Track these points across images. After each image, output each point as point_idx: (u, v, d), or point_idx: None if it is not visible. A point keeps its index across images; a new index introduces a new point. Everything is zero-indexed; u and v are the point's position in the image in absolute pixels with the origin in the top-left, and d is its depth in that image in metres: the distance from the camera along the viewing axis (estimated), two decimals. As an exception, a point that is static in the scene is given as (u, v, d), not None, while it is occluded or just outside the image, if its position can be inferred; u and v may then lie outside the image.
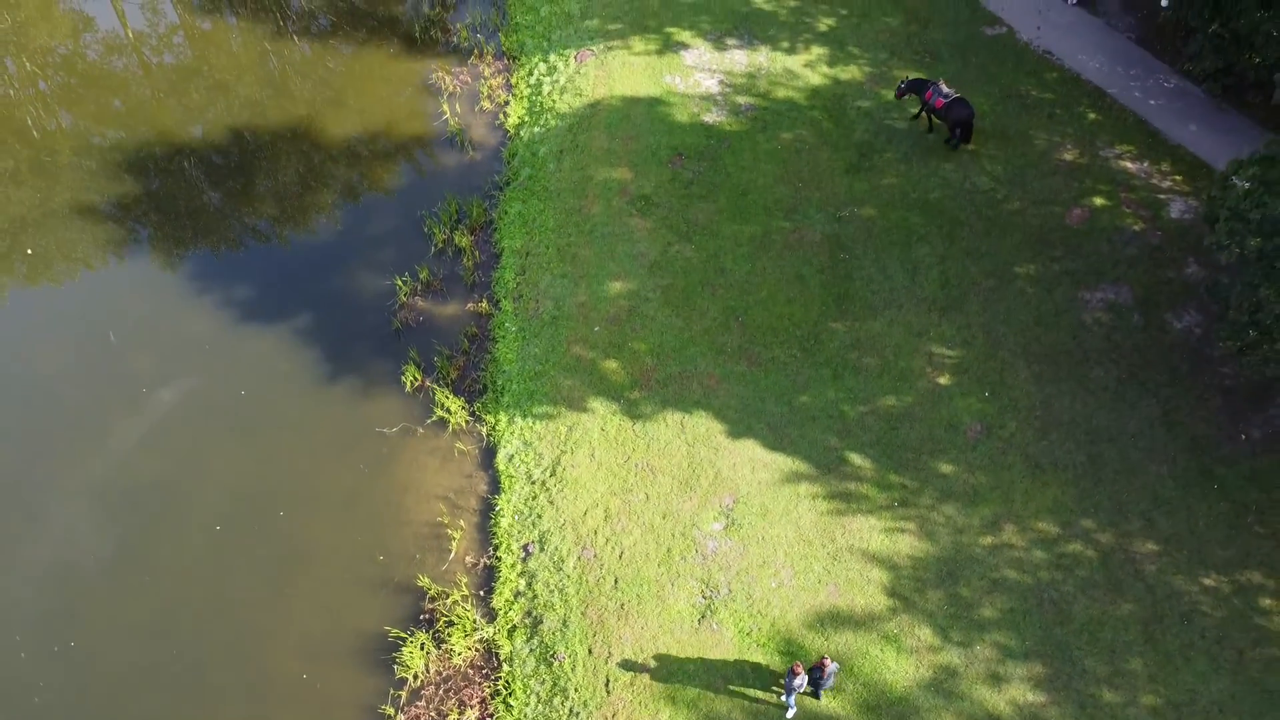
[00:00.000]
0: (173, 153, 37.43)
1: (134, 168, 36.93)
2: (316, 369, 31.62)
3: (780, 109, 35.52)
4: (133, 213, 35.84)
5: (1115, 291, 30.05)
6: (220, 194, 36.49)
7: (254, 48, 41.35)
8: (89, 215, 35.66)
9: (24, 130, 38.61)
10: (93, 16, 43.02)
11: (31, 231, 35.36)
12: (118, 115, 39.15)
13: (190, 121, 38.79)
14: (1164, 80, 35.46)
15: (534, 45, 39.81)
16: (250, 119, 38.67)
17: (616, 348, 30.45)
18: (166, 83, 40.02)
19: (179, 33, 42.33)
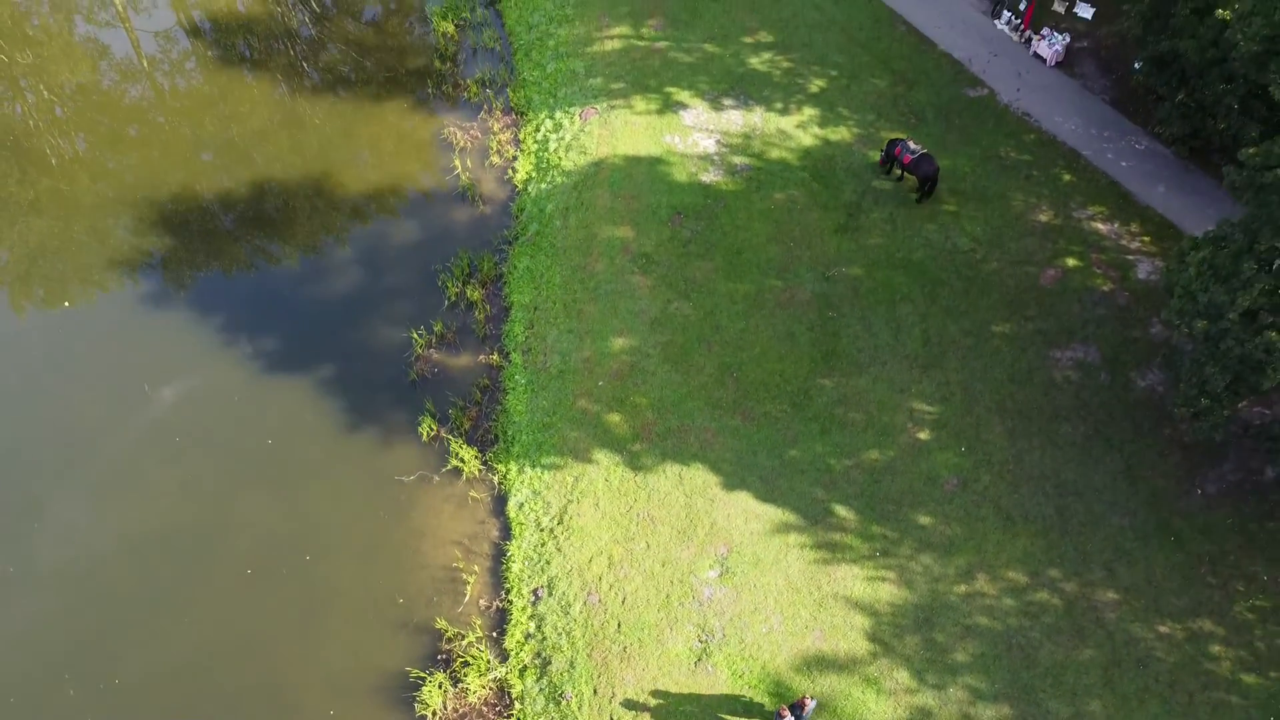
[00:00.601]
0: (194, 209, 39.57)
1: (157, 223, 39.07)
2: (339, 419, 33.80)
3: (773, 169, 37.69)
4: (159, 268, 37.97)
5: (1084, 350, 32.22)
6: (244, 249, 38.63)
7: (272, 102, 43.43)
8: (118, 266, 37.81)
9: (44, 161, 40.77)
10: (113, 58, 45.05)
11: (62, 272, 37.59)
12: (137, 169, 41.25)
13: (210, 176, 40.91)
14: (1136, 142, 37.61)
15: (541, 101, 41.95)
16: (271, 173, 40.79)
17: (619, 401, 32.63)
18: (186, 139, 42.12)
19: (197, 82, 44.37)
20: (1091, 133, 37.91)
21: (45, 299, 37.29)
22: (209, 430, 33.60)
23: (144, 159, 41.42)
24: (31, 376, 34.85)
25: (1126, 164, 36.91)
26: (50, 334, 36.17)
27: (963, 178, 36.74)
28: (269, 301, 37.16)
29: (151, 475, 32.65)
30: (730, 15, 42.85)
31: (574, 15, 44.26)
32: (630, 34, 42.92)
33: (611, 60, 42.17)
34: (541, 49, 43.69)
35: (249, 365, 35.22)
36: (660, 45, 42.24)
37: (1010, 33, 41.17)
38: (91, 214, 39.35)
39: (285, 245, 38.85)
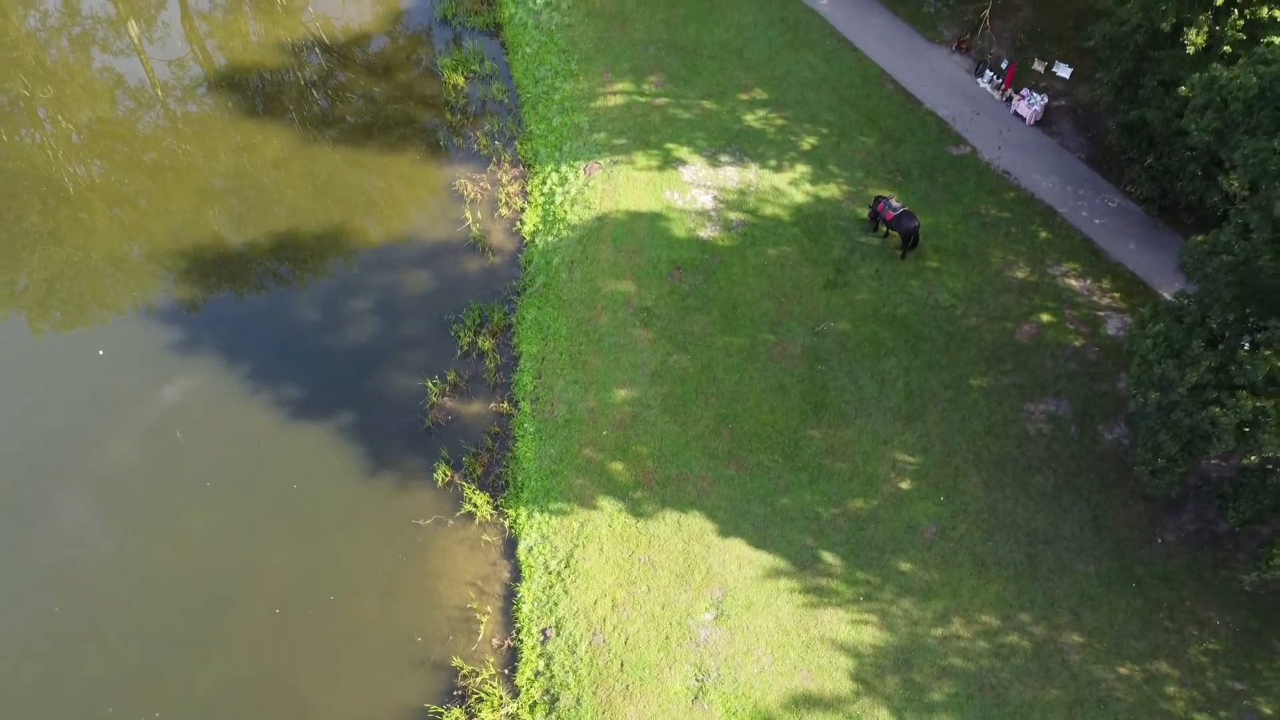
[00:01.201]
0: (220, 263, 41.83)
1: (183, 273, 41.34)
2: (359, 464, 36.08)
3: (767, 225, 39.97)
4: (186, 316, 40.23)
5: (1056, 404, 34.53)
6: (267, 299, 40.90)
7: (290, 152, 45.68)
8: (147, 312, 40.08)
9: (64, 194, 43.08)
10: (137, 113, 47.40)
11: (92, 314, 39.91)
12: (157, 220, 43.47)
13: (232, 227, 43.17)
14: (1109, 200, 39.91)
15: (547, 154, 44.23)
16: (291, 223, 43.05)
17: (622, 451, 34.93)
18: (205, 188, 44.41)
19: (217, 132, 46.59)
20: (1068, 190, 40.18)
21: (64, 324, 39.53)
22: (238, 475, 35.89)
23: (163, 209, 43.64)
24: (67, 422, 37.08)
25: (1099, 221, 39.19)
26: (81, 376, 38.37)
27: (945, 234, 39.02)
28: (292, 349, 39.38)
29: (185, 518, 34.93)
30: (727, 72, 45.11)
31: (578, 70, 46.53)
32: (632, 90, 45.18)
33: (614, 116, 44.43)
34: (547, 102, 45.94)
35: (275, 412, 37.47)
36: (660, 101, 44.51)
37: (992, 91, 43.43)
38: (116, 266, 41.62)
39: (306, 295, 41.08)
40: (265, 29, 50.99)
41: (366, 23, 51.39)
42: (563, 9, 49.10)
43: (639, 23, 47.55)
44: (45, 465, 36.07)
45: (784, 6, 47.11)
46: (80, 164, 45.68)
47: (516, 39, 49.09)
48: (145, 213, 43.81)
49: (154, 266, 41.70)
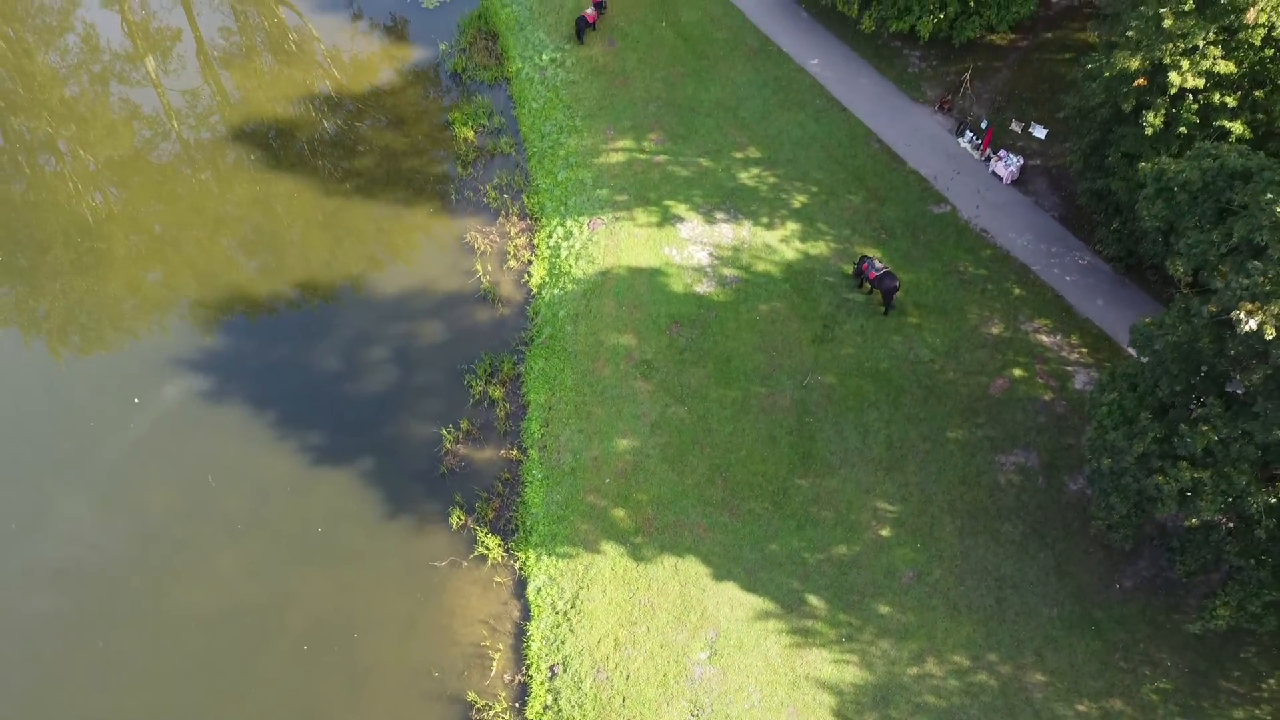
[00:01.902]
0: (240, 319, 44.56)
1: (208, 328, 44.08)
2: (379, 508, 38.86)
3: (759, 281, 42.70)
4: (217, 370, 42.96)
5: (1025, 456, 37.28)
6: (290, 349, 43.57)
7: (312, 204, 48.39)
8: (177, 370, 42.81)
9: (84, 226, 45.83)
10: (154, 145, 50.11)
11: (126, 367, 42.67)
12: (177, 267, 46.24)
13: (255, 280, 45.89)
14: (1079, 257, 42.63)
15: (553, 208, 46.95)
16: (312, 275, 45.77)
17: (623, 498, 37.70)
18: (228, 241, 47.13)
19: (236, 185, 49.29)
20: (1041, 248, 42.91)
21: (101, 377, 42.25)
22: (266, 517, 38.66)
23: (189, 260, 46.36)
24: (106, 468, 39.82)
25: (1070, 278, 41.91)
26: (117, 424, 41.06)
27: (926, 291, 41.75)
28: (314, 396, 42.05)
29: (217, 559, 37.69)
30: (722, 131, 47.83)
31: (582, 126, 49.24)
32: (633, 147, 47.91)
33: (616, 172, 47.16)
34: (553, 157, 48.67)
35: (300, 457, 40.22)
36: (660, 159, 47.25)
37: (972, 151, 46.15)
38: (146, 313, 44.38)
39: (328, 343, 43.72)
40: (282, 81, 53.64)
41: (381, 75, 54.04)
42: (567, 66, 51.80)
43: (639, 81, 50.24)
44: (85, 509, 38.80)
45: (777, 66, 49.80)
46: (103, 207, 48.37)
47: (523, 94, 51.80)
48: (172, 263, 46.48)
49: (182, 318, 44.41)
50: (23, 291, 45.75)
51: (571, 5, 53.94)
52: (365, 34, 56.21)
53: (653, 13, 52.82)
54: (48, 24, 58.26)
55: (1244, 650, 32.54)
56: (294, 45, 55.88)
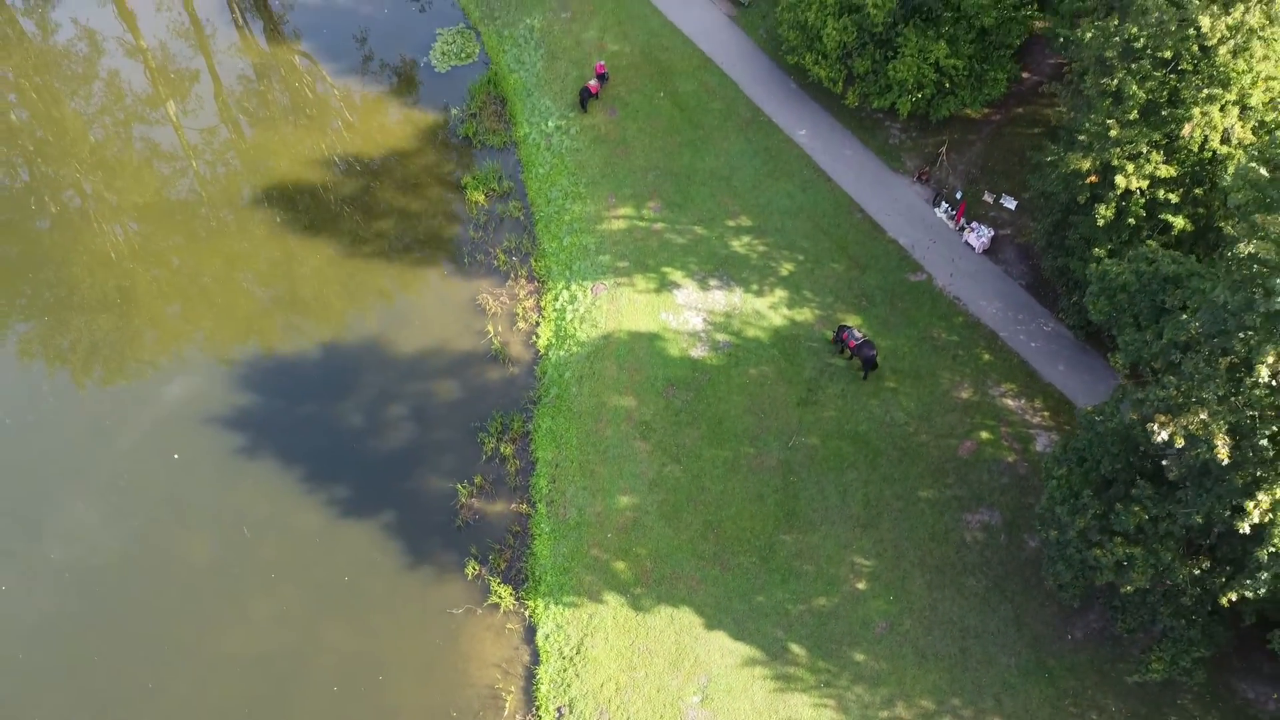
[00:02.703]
0: (271, 373, 48.22)
1: (240, 388, 47.75)
2: (401, 559, 42.55)
3: (749, 346, 46.38)
4: (248, 427, 46.62)
5: (989, 515, 40.98)
6: (315, 407, 47.22)
7: (332, 266, 52.00)
8: (207, 424, 46.48)
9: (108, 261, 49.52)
10: (178, 211, 53.73)
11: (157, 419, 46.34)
12: (201, 327, 49.90)
13: (281, 340, 49.54)
14: (1044, 324, 46.30)
15: (559, 272, 50.62)
16: (336, 335, 49.43)
17: (624, 551, 41.41)
18: (255, 304, 50.76)
19: (261, 248, 52.86)
20: (1009, 315, 46.58)
21: (135, 452, 45.94)
22: (297, 566, 42.35)
23: (217, 323, 50.01)
24: (149, 519, 43.52)
25: (1035, 344, 45.59)
26: (158, 480, 44.72)
27: (902, 357, 45.43)
28: (339, 453, 45.69)
29: (252, 605, 41.39)
30: (716, 199, 51.51)
31: (586, 193, 52.92)
32: (633, 214, 51.60)
33: (617, 239, 50.84)
34: (559, 222, 52.35)
35: (327, 510, 43.90)
36: (658, 226, 50.93)
37: (947, 221, 49.81)
38: (178, 372, 48.07)
39: (351, 401, 47.34)
40: (303, 144, 57.16)
41: (396, 138, 57.57)
42: (571, 133, 55.47)
43: (639, 149, 53.91)
44: (132, 558, 42.49)
45: (767, 136, 53.45)
46: (131, 256, 52.05)
47: (530, 158, 55.47)
48: (202, 322, 50.11)
49: (214, 376, 48.02)
50: (61, 379, 49.44)
51: (575, 74, 57.53)
52: (381, 97, 59.80)
53: (652, 83, 56.44)
54: (74, 72, 61.84)
55: (1180, 697, 36.23)
56: (314, 109, 59.47)
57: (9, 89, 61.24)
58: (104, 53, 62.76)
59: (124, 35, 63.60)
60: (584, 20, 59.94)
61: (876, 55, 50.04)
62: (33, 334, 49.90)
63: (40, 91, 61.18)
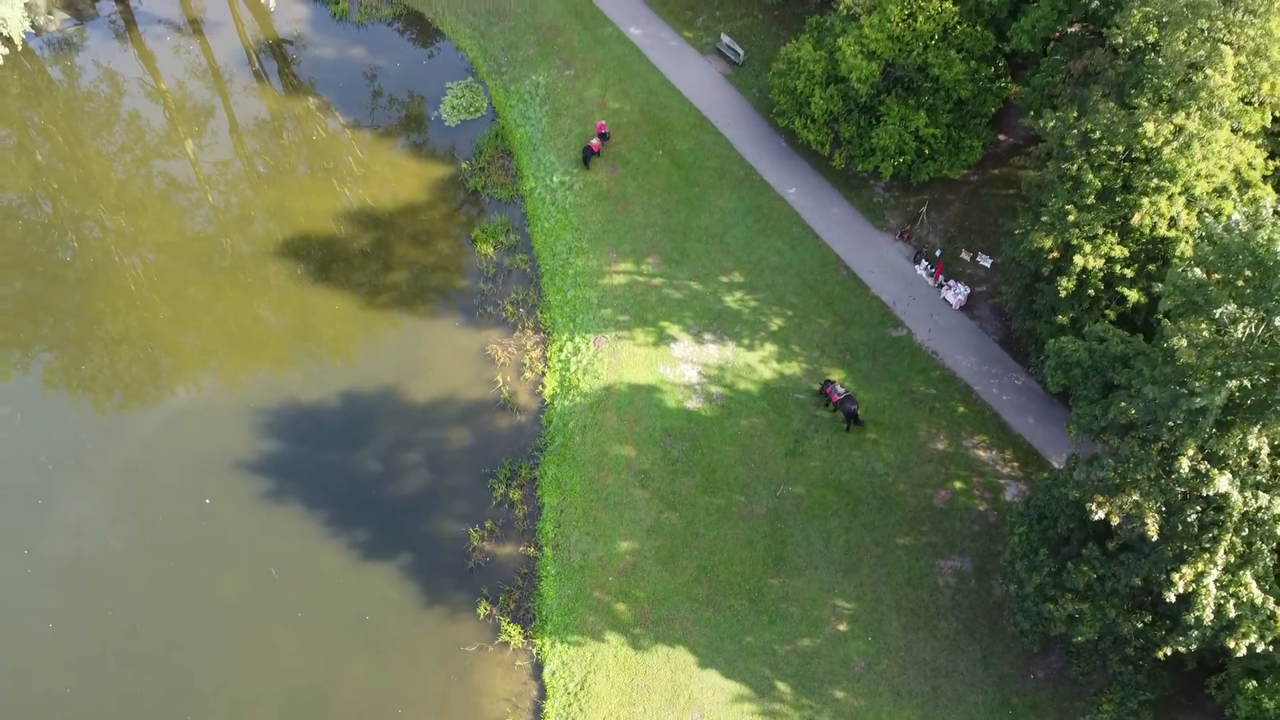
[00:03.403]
0: (291, 418, 51.65)
1: (267, 436, 51.19)
2: (417, 598, 46.00)
3: (740, 398, 49.83)
4: (275, 473, 50.05)
5: (961, 561, 44.43)
6: (338, 455, 50.66)
7: (350, 317, 55.41)
8: (236, 473, 49.89)
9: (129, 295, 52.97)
10: (203, 259, 57.15)
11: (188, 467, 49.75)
12: (233, 378, 53.35)
13: (304, 389, 52.94)
14: (1015, 378, 49.73)
15: (563, 324, 54.05)
16: (354, 384, 52.82)
17: (624, 594, 44.87)
18: (282, 351, 54.18)
19: (282, 297, 56.24)
20: (983, 369, 50.01)
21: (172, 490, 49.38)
22: (321, 605, 45.78)
23: (245, 371, 53.47)
24: (183, 562, 46.98)
25: (1006, 398, 49.02)
26: (190, 523, 48.14)
27: (883, 410, 48.87)
28: (359, 498, 49.11)
29: (280, 642, 44.84)
30: (711, 256, 54.93)
31: (589, 248, 56.35)
32: (633, 269, 55.03)
33: (618, 293, 54.26)
34: (563, 275, 55.78)
35: (349, 553, 47.33)
36: (656, 281, 54.36)
37: (926, 278, 53.22)
38: (211, 421, 51.51)
39: (370, 449, 50.75)
40: (321, 196, 60.53)
41: (409, 190, 60.88)
42: (575, 189, 58.90)
43: (639, 206, 57.33)
44: (169, 597, 45.95)
45: (759, 194, 56.88)
46: (157, 294, 55.48)
47: (536, 212, 58.90)
48: (229, 372, 53.56)
49: (241, 424, 51.45)
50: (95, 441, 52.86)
51: (578, 131, 60.94)
52: (394, 150, 63.20)
53: (651, 141, 59.86)
54: (96, 116, 65.25)
55: (1131, 734, 39.70)
56: (331, 159, 62.86)
57: (37, 132, 64.68)
58: (125, 93, 66.31)
59: (144, 77, 67.09)
60: (586, 78, 63.33)
61: (861, 121, 53.46)
62: (76, 378, 53.29)
63: (66, 135, 64.59)
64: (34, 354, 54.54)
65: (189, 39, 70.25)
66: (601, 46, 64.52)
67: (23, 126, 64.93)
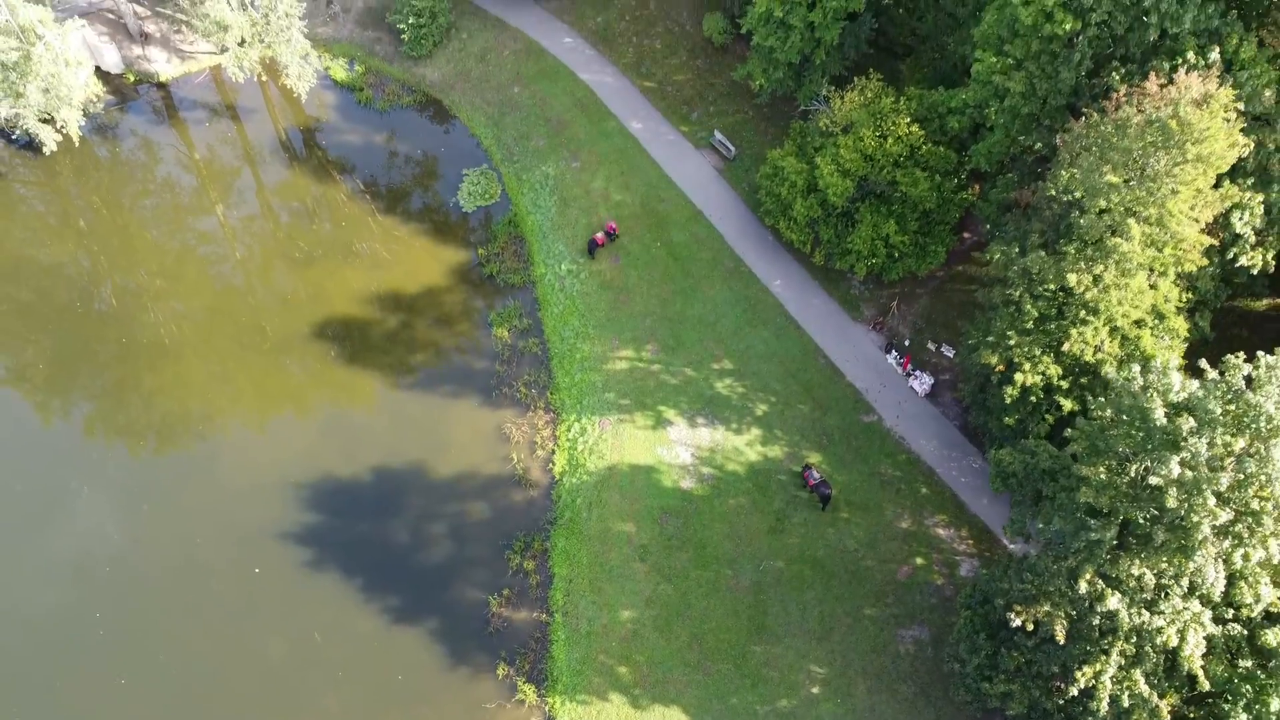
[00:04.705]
0: (328, 492, 58.02)
1: (306, 509, 57.53)
2: (443, 660, 52.38)
3: (729, 479, 56.20)
4: (318, 544, 56.41)
5: (920, 631, 50.82)
6: (373, 525, 56.99)
7: (379, 397, 61.67)
8: (265, 542, 56.24)
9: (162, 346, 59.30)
10: (240, 339, 63.40)
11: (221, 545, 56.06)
12: (277, 457, 59.66)
13: (337, 464, 59.27)
14: (973, 461, 56.09)
15: (571, 405, 60.38)
16: (383, 460, 59.10)
17: (625, 658, 51.28)
18: (316, 432, 60.50)
19: (318, 378, 62.52)
20: (944, 453, 56.37)
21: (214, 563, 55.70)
22: (359, 667, 52.16)
23: (279, 445, 59.77)
24: (229, 630, 53.36)
25: (965, 480, 55.40)
26: (239, 590, 54.47)
27: (855, 491, 55.24)
28: (389, 567, 55.46)
29: (323, 702, 51.23)
30: (703, 345, 61.25)
31: (594, 334, 62.66)
32: (633, 355, 61.35)
33: (620, 378, 60.60)
34: (571, 359, 62.10)
35: (382, 617, 53.67)
36: (654, 368, 60.70)
37: (896, 367, 59.57)
38: (248, 496, 57.86)
39: (399, 521, 57.07)
40: (350, 281, 66.70)
41: (429, 275, 66.96)
42: (581, 278, 65.21)
43: (639, 296, 63.64)
44: (225, 659, 52.35)
45: (747, 286, 63.19)
46: (194, 352, 61.79)
47: (547, 298, 65.21)
48: (272, 451, 59.90)
49: (283, 498, 57.76)
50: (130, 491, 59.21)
51: (584, 221, 67.23)
52: (416, 234, 69.31)
53: (650, 233, 66.16)
54: (138, 189, 71.56)
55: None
56: (359, 243, 69.06)
57: (83, 204, 70.98)
58: (165, 171, 72.79)
59: (182, 154, 73.43)
60: (592, 170, 69.65)
61: (838, 226, 59.78)
62: (141, 460, 59.62)
63: (109, 206, 70.74)
64: (103, 438, 60.80)
65: (225, 122, 76.53)
66: (605, 139, 70.75)
67: (73, 208, 71.11)
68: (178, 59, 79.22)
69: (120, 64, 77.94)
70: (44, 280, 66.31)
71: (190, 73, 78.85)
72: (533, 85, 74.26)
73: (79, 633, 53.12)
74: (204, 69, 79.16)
